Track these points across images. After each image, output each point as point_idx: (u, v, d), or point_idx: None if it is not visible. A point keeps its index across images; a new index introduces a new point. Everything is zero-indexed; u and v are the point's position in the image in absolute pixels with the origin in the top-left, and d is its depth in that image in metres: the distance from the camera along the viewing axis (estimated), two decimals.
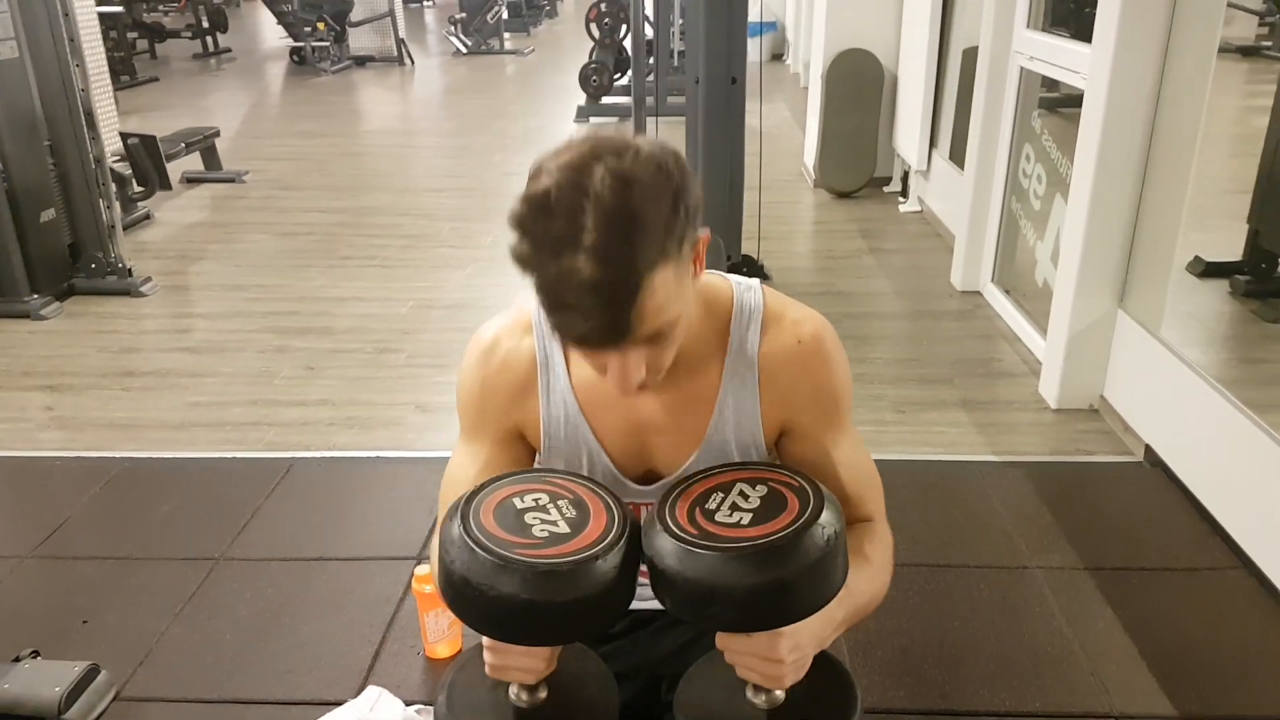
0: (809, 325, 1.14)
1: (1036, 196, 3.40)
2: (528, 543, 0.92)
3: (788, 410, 1.13)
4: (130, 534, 2.35)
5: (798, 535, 0.90)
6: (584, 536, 0.94)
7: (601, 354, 0.96)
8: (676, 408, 1.12)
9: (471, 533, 0.93)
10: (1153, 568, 2.18)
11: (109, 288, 3.92)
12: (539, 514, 0.97)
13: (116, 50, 9.49)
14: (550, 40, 14.14)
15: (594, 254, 0.86)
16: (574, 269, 0.86)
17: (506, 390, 1.15)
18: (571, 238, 0.86)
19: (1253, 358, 3.30)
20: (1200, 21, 2.45)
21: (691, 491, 1.01)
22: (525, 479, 1.05)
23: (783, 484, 1.00)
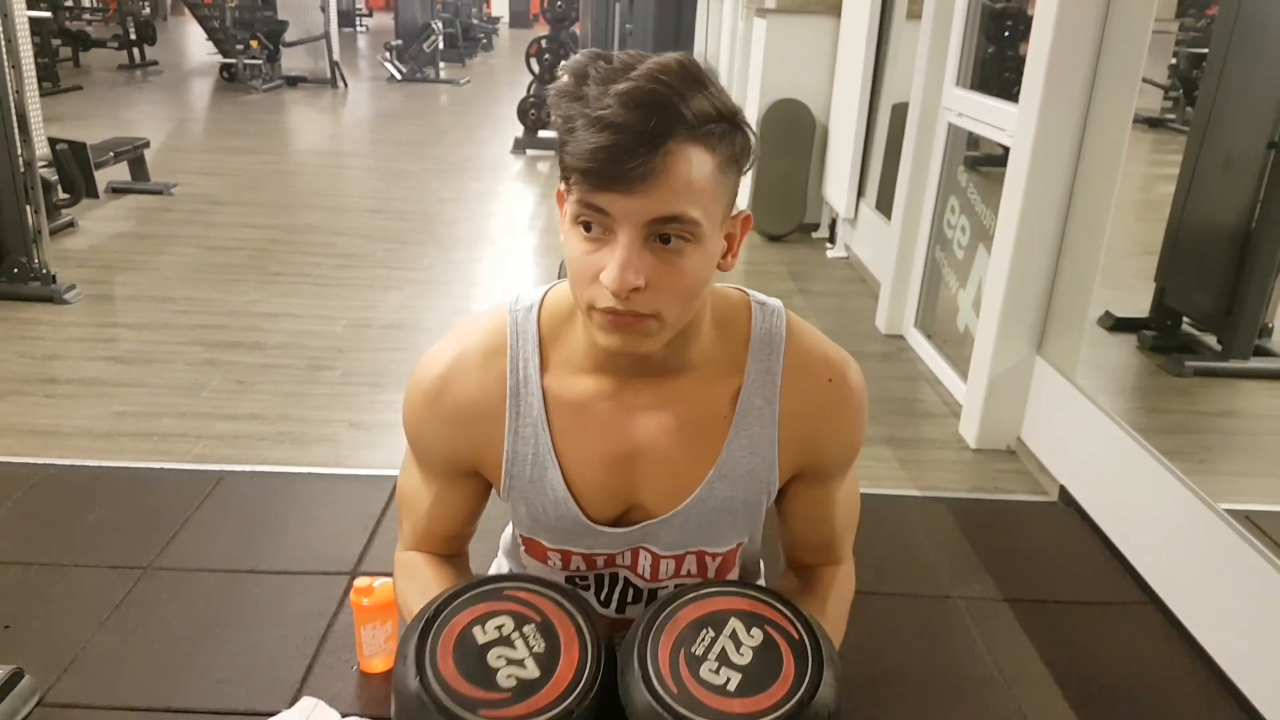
0: (836, 363, 1.04)
1: (960, 246, 3.55)
2: (494, 698, 0.85)
3: (807, 455, 1.04)
4: (54, 540, 2.29)
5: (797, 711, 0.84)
6: (556, 682, 0.87)
7: (612, 196, 0.82)
8: (681, 436, 0.99)
9: (431, 688, 0.85)
10: (1067, 601, 2.29)
11: (31, 294, 3.82)
12: (504, 649, 0.89)
13: (40, 56, 9.25)
14: (485, 73, 14.21)
15: (646, 75, 0.80)
16: (621, 85, 0.80)
17: (465, 426, 1.02)
18: (630, 65, 0.82)
19: (1159, 407, 3.49)
20: (1118, 89, 2.61)
21: (678, 621, 0.92)
22: (487, 596, 0.94)
23: (781, 632, 0.92)
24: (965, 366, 3.17)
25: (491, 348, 1.00)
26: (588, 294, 0.87)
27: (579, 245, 0.87)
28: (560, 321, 1.00)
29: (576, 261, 0.87)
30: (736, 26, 7.25)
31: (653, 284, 0.84)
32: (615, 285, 0.83)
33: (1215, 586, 2.06)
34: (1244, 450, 3.24)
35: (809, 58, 5.37)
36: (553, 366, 1.00)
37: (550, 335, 1.00)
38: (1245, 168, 3.46)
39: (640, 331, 0.87)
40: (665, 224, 0.83)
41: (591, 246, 0.86)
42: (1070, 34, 2.61)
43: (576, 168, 0.82)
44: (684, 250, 0.85)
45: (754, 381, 1.00)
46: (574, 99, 0.81)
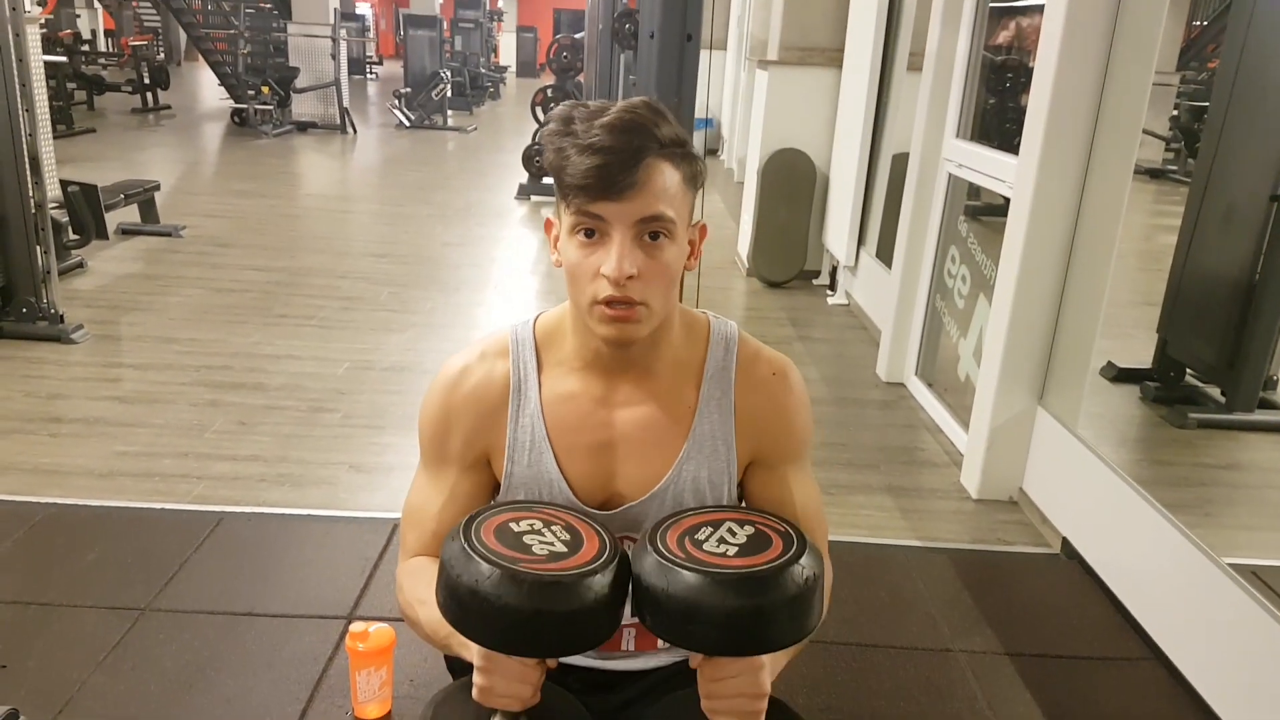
0: (779, 361, 1.23)
1: (961, 296, 3.56)
2: (531, 559, 0.97)
3: (758, 441, 1.19)
4: (53, 580, 2.28)
5: (780, 570, 0.97)
6: (581, 555, 0.99)
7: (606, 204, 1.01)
8: (651, 427, 1.16)
9: (476, 548, 0.97)
10: (1069, 655, 2.27)
11: (39, 333, 3.84)
12: (536, 536, 1.02)
13: (55, 99, 9.39)
14: (492, 120, 14.39)
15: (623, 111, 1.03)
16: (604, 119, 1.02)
17: (476, 414, 1.18)
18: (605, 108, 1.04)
19: (1162, 459, 3.47)
20: (1118, 141, 2.64)
21: (683, 523, 1.06)
22: (517, 508, 1.09)
23: (769, 527, 1.06)
24: (966, 415, 3.17)
25: (497, 351, 1.20)
26: (589, 291, 1.05)
27: (578, 251, 1.05)
28: (552, 331, 1.19)
29: (577, 265, 1.05)
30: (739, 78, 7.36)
31: (642, 274, 1.03)
32: (615, 272, 1.01)
33: (1219, 642, 2.04)
34: (1249, 504, 3.22)
35: (810, 108, 5.44)
36: (547, 367, 1.18)
37: (544, 342, 1.19)
38: (1247, 219, 3.48)
39: (634, 319, 1.05)
40: (650, 222, 1.03)
41: (589, 250, 1.04)
42: (1070, 86, 2.64)
43: (575, 185, 1.01)
44: (664, 245, 1.04)
45: (713, 377, 1.18)
46: (564, 134, 1.02)
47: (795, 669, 2.09)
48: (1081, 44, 2.61)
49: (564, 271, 1.08)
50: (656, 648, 1.26)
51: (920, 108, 3.83)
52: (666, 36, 2.64)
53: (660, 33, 2.62)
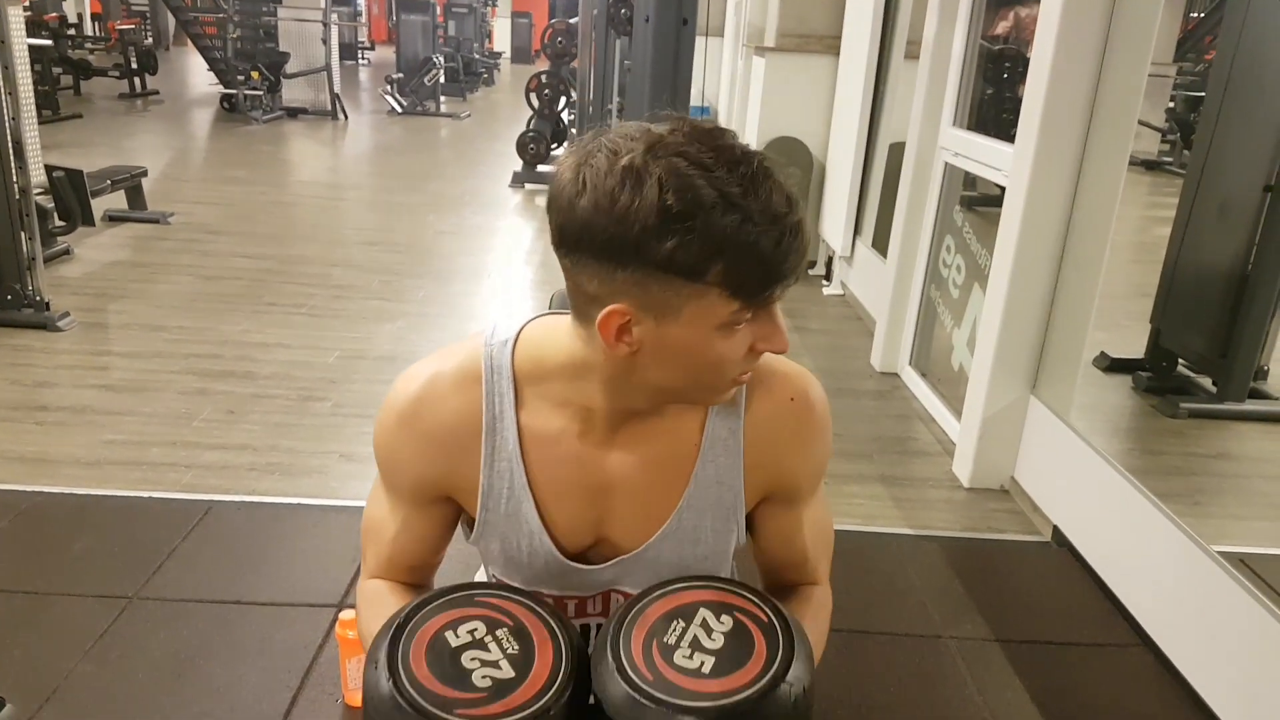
0: (798, 383, 1.06)
1: (955, 286, 3.56)
2: (469, 697, 0.84)
3: (773, 476, 1.06)
4: (39, 569, 2.27)
5: (763, 697, 0.84)
6: (531, 681, 0.86)
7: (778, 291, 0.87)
8: (650, 470, 1.02)
9: (404, 690, 0.84)
10: (1059, 642, 2.27)
11: (24, 320, 3.81)
12: (477, 652, 0.88)
13: (40, 84, 9.32)
14: (486, 107, 14.33)
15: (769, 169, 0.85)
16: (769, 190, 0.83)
17: (440, 452, 1.02)
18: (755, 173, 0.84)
19: (1153, 449, 3.48)
20: (1114, 132, 2.63)
21: (649, 615, 0.93)
22: (458, 602, 0.94)
23: (750, 616, 0.93)
24: (959, 405, 3.17)
25: (467, 376, 1.01)
26: (732, 373, 0.92)
27: (726, 343, 0.89)
28: (536, 362, 1.01)
29: (724, 356, 0.90)
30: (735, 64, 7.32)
31: None
32: (784, 344, 0.91)
33: (1208, 629, 2.05)
34: (1238, 493, 3.23)
35: (807, 96, 5.41)
36: (527, 401, 1.01)
37: (525, 372, 1.01)
38: (1241, 210, 3.47)
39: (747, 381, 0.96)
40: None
41: (736, 337, 0.89)
42: (1067, 76, 2.63)
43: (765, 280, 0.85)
44: None
45: (718, 411, 1.03)
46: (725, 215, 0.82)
47: None
48: (1078, 34, 2.60)
49: (674, 361, 0.91)
50: None
51: (917, 96, 3.82)
52: (662, 21, 2.63)
53: (655, 18, 2.61)
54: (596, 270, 0.86)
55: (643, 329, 0.88)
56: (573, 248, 0.88)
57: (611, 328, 0.88)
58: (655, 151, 0.83)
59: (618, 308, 0.87)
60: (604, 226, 0.83)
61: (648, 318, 0.87)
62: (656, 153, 0.83)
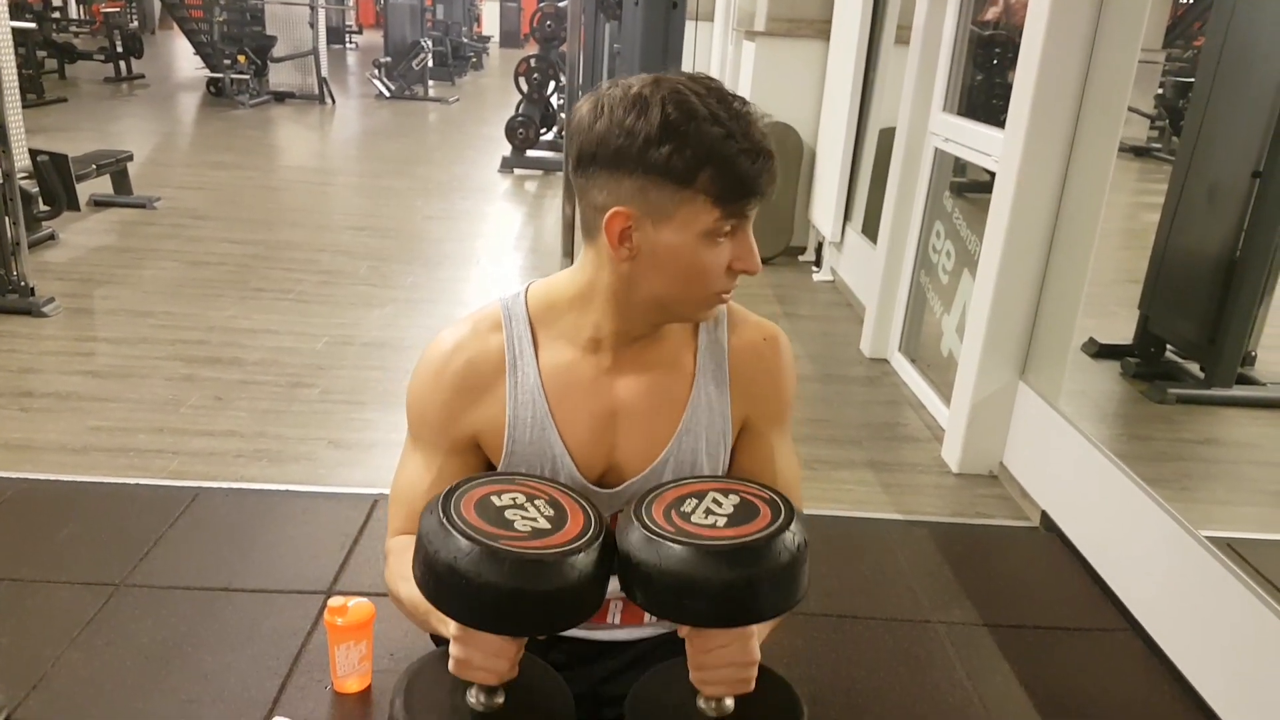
0: (770, 328, 1.24)
1: (945, 272, 3.56)
2: (512, 535, 0.94)
3: (750, 404, 1.20)
4: (25, 556, 2.25)
5: (770, 539, 0.95)
6: (565, 532, 0.96)
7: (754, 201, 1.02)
8: (652, 396, 1.16)
9: (455, 524, 0.93)
10: (1047, 626, 2.28)
11: (9, 306, 3.78)
12: (518, 511, 0.99)
13: (24, 68, 9.22)
14: (475, 91, 14.25)
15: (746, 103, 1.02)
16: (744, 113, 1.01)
17: (469, 394, 1.15)
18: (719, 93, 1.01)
19: (1141, 434, 3.49)
20: (1103, 117, 2.63)
21: (666, 496, 1.04)
22: (500, 480, 1.05)
23: (754, 495, 1.05)
24: (948, 391, 3.17)
25: (489, 326, 1.16)
26: (714, 286, 1.07)
27: (707, 252, 1.04)
28: (546, 304, 1.17)
29: (707, 265, 1.04)
30: (725, 49, 7.29)
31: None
32: (757, 265, 1.07)
33: (1196, 613, 2.06)
34: (1226, 478, 3.25)
35: (797, 81, 5.40)
36: (543, 340, 1.16)
37: (538, 316, 1.16)
38: (1230, 196, 3.48)
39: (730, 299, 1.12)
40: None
41: (717, 249, 1.04)
42: (1057, 62, 2.63)
43: (745, 188, 1.00)
44: None
45: (706, 346, 1.19)
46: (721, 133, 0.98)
47: (775, 640, 2.09)
48: (1068, 19, 2.60)
49: (665, 268, 1.05)
50: (643, 621, 1.26)
51: (907, 81, 3.81)
52: (651, 5, 2.60)
53: (645, 1, 2.59)
54: (605, 181, 1.02)
55: (641, 235, 1.03)
56: (587, 164, 1.03)
57: (615, 230, 1.03)
58: (659, 84, 1.01)
59: (622, 209, 1.02)
60: (615, 138, 1.00)
61: (646, 223, 1.02)
62: (660, 85, 1.01)
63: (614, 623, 1.26)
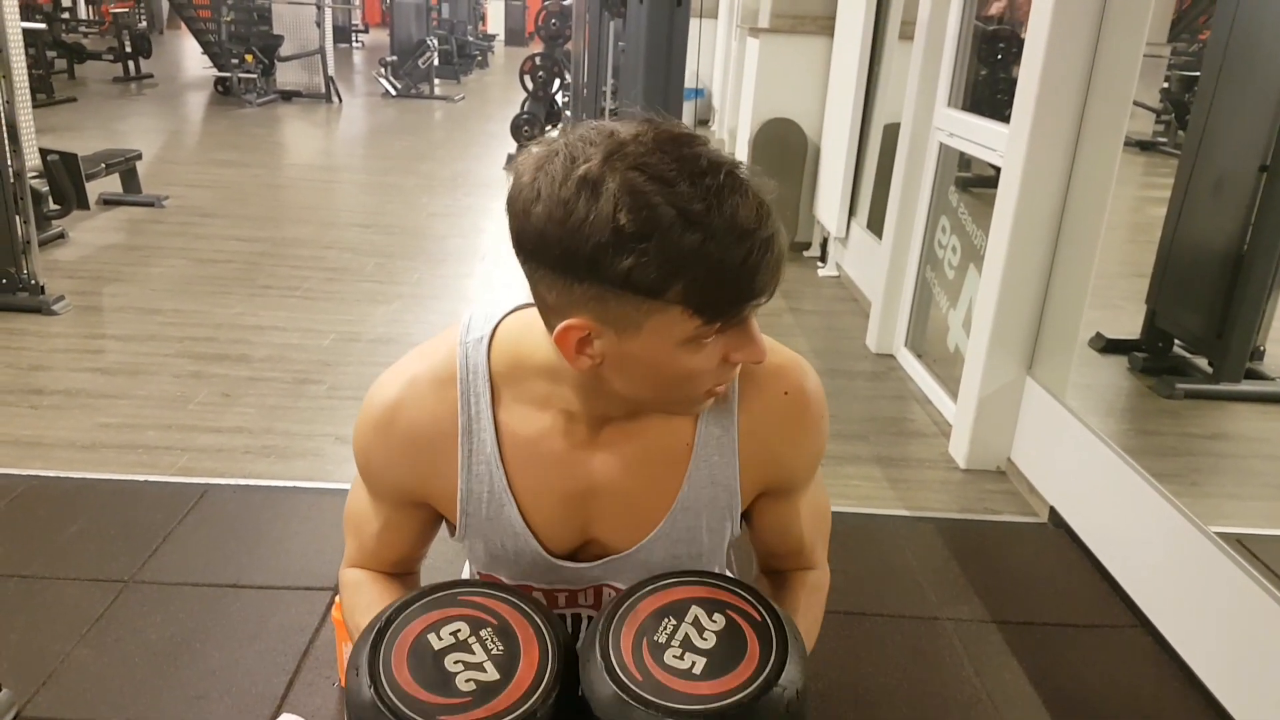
0: (794, 374, 1.01)
1: (951, 266, 3.55)
2: (454, 703, 0.82)
3: (768, 472, 1.02)
4: (35, 553, 2.26)
5: (755, 700, 0.82)
6: (517, 683, 0.84)
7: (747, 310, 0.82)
8: (640, 471, 0.98)
9: (386, 697, 0.82)
10: (1056, 623, 2.27)
11: (19, 304, 3.80)
12: (461, 654, 0.86)
13: (35, 68, 9.25)
14: (480, 89, 14.25)
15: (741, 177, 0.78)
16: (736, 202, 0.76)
17: (416, 460, 0.99)
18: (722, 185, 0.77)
19: (1149, 429, 3.48)
20: (1109, 112, 2.62)
21: (639, 613, 0.90)
22: (440, 602, 0.92)
23: (743, 615, 0.90)
24: (955, 386, 3.16)
25: (443, 378, 0.98)
26: (704, 385, 0.88)
27: (694, 357, 0.84)
28: (513, 359, 0.97)
29: (692, 370, 0.85)
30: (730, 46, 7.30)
31: None
32: (762, 353, 0.86)
33: (1205, 610, 2.05)
34: (1235, 473, 3.24)
35: (802, 77, 5.39)
36: (505, 402, 0.97)
37: (502, 371, 0.97)
38: (1236, 190, 3.47)
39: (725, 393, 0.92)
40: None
41: (705, 350, 0.84)
42: (1062, 56, 2.62)
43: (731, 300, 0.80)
44: None
45: (710, 414, 0.98)
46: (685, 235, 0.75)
47: None
48: (1073, 13, 2.59)
49: (638, 374, 0.86)
50: None
51: (912, 77, 3.80)
52: (656, 2, 2.60)
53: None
54: (554, 282, 0.83)
55: (604, 342, 0.84)
56: (529, 256, 0.84)
57: (570, 342, 0.85)
58: (613, 161, 0.77)
59: (575, 322, 0.83)
60: (559, 239, 0.79)
61: (608, 331, 0.83)
62: (614, 163, 0.77)
63: None
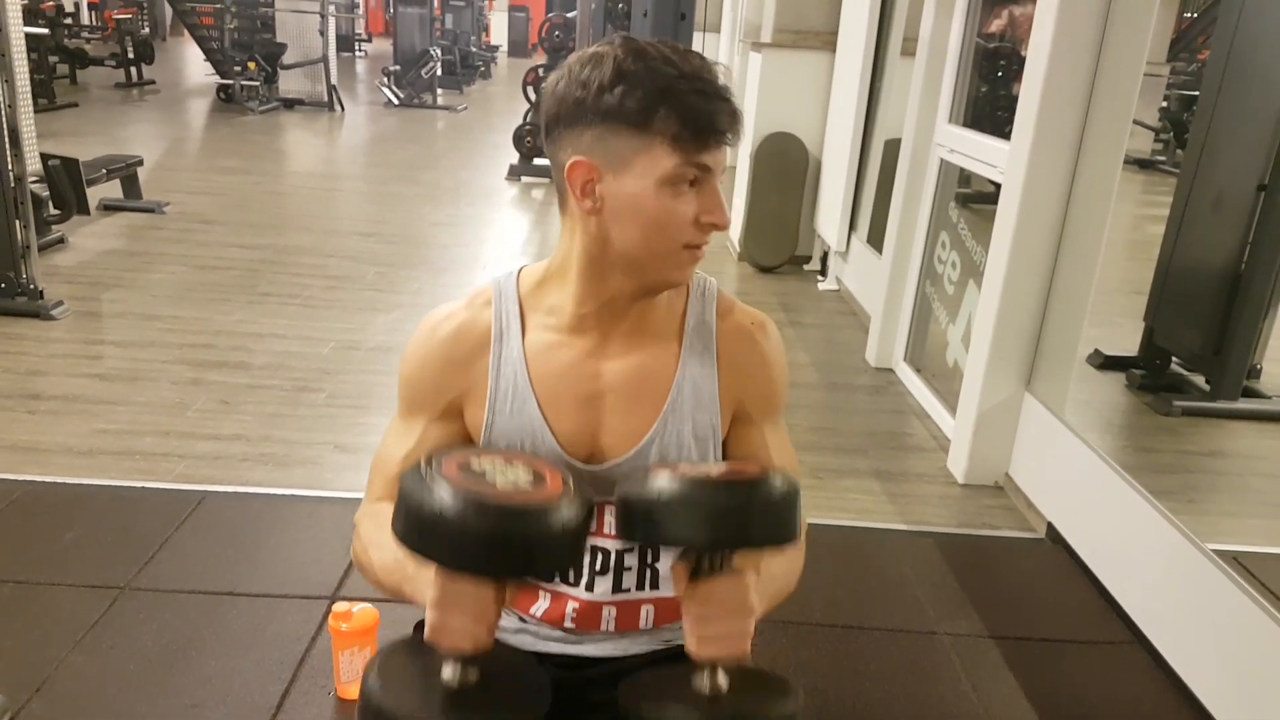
0: (758, 314, 1.23)
1: (950, 282, 3.56)
2: (494, 491, 0.94)
3: (740, 388, 1.18)
4: (31, 558, 2.26)
5: (763, 478, 0.99)
6: (547, 490, 0.97)
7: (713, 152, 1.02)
8: (636, 377, 1.15)
9: (438, 476, 0.94)
10: (1053, 639, 2.27)
11: (18, 309, 3.80)
12: (498, 474, 0.99)
13: (36, 73, 9.26)
14: (482, 100, 14.29)
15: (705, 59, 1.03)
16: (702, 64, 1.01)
17: (455, 357, 1.16)
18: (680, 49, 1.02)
19: (1147, 446, 3.49)
20: (1109, 130, 2.63)
21: (657, 468, 1.05)
22: (479, 450, 1.08)
23: (743, 465, 1.11)
24: (954, 401, 3.17)
25: (481, 301, 1.18)
26: (679, 237, 1.05)
27: (670, 202, 1.03)
28: (536, 284, 1.17)
29: (672, 214, 1.03)
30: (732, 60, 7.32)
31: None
32: (725, 219, 1.05)
33: (1202, 627, 2.05)
34: (1232, 491, 3.24)
35: (803, 92, 5.41)
36: (531, 317, 1.16)
37: (527, 294, 1.17)
38: (1235, 209, 3.48)
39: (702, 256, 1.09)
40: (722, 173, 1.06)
41: (682, 199, 1.03)
42: (1063, 74, 2.63)
43: (696, 130, 0.99)
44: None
45: (694, 329, 1.17)
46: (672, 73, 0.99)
47: (781, 650, 2.09)
48: (1074, 32, 2.60)
49: (630, 219, 1.04)
50: (638, 628, 1.21)
51: (913, 93, 3.82)
52: (660, 16, 2.62)
53: (654, 12, 2.60)
54: (569, 138, 1.03)
55: (604, 186, 1.04)
56: (552, 126, 1.05)
57: (578, 181, 1.04)
58: (619, 40, 1.03)
59: (582, 159, 1.03)
60: (572, 93, 1.02)
61: (608, 174, 1.03)
62: (619, 41, 1.02)
63: (608, 630, 1.21)
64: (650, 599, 1.19)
